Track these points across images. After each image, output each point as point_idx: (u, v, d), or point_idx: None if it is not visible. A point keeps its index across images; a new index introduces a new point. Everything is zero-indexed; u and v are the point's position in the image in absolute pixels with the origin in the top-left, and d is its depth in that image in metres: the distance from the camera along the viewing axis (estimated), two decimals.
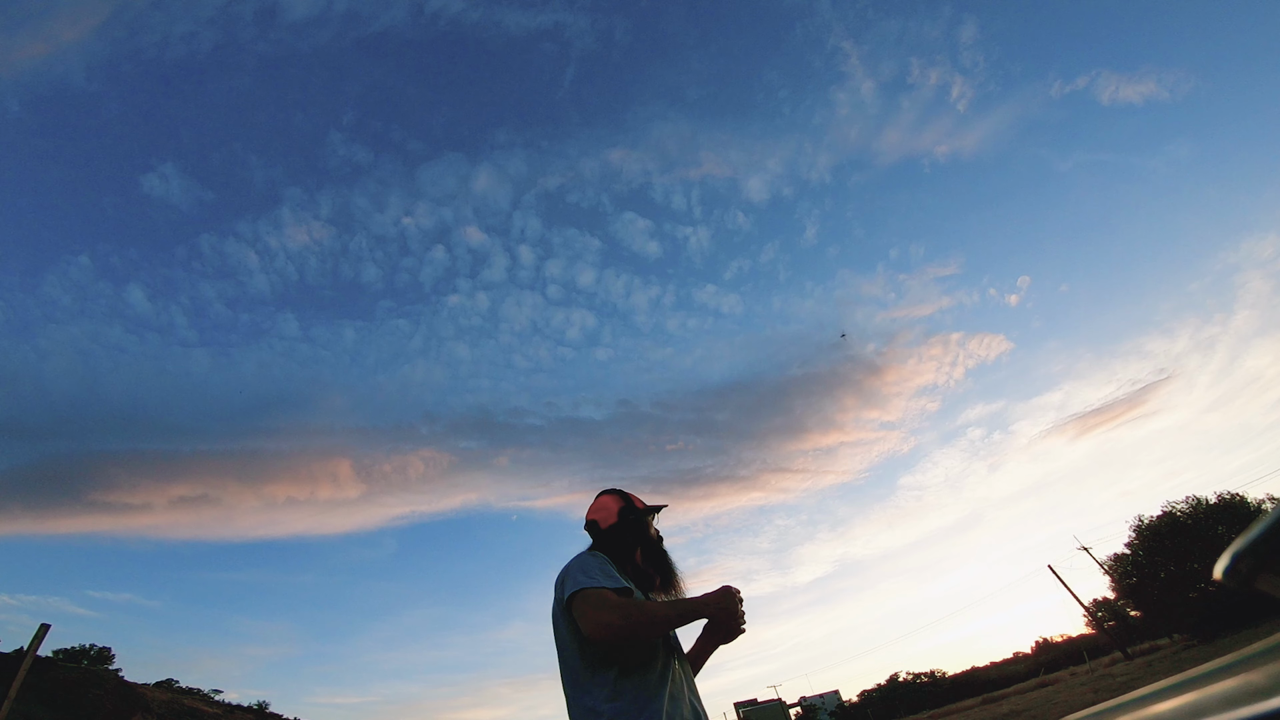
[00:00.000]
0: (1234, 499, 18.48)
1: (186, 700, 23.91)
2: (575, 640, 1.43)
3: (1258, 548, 0.32)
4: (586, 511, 1.83)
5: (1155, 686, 0.35)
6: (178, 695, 24.50)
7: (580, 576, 1.45)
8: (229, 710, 26.52)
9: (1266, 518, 0.33)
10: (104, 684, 19.47)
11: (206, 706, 24.75)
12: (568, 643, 1.45)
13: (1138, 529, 20.16)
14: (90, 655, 26.61)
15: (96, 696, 18.38)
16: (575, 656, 1.42)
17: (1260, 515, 0.34)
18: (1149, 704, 0.23)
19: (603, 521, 1.76)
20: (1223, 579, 0.37)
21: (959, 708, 30.48)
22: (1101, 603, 32.05)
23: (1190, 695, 0.21)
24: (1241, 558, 0.34)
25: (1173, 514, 19.24)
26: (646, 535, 1.78)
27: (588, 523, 1.81)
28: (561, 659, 1.47)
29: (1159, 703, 0.22)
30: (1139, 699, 0.25)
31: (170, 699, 22.55)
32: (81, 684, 18.67)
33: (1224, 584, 0.37)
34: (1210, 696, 0.20)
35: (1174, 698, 0.22)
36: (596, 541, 1.75)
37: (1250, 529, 0.34)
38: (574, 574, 1.48)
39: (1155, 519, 19.68)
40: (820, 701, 67.55)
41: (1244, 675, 0.21)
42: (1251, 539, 0.33)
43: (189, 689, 28.09)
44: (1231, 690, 0.20)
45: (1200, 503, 18.94)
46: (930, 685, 44.22)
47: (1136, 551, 20.00)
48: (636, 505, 1.81)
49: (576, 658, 1.41)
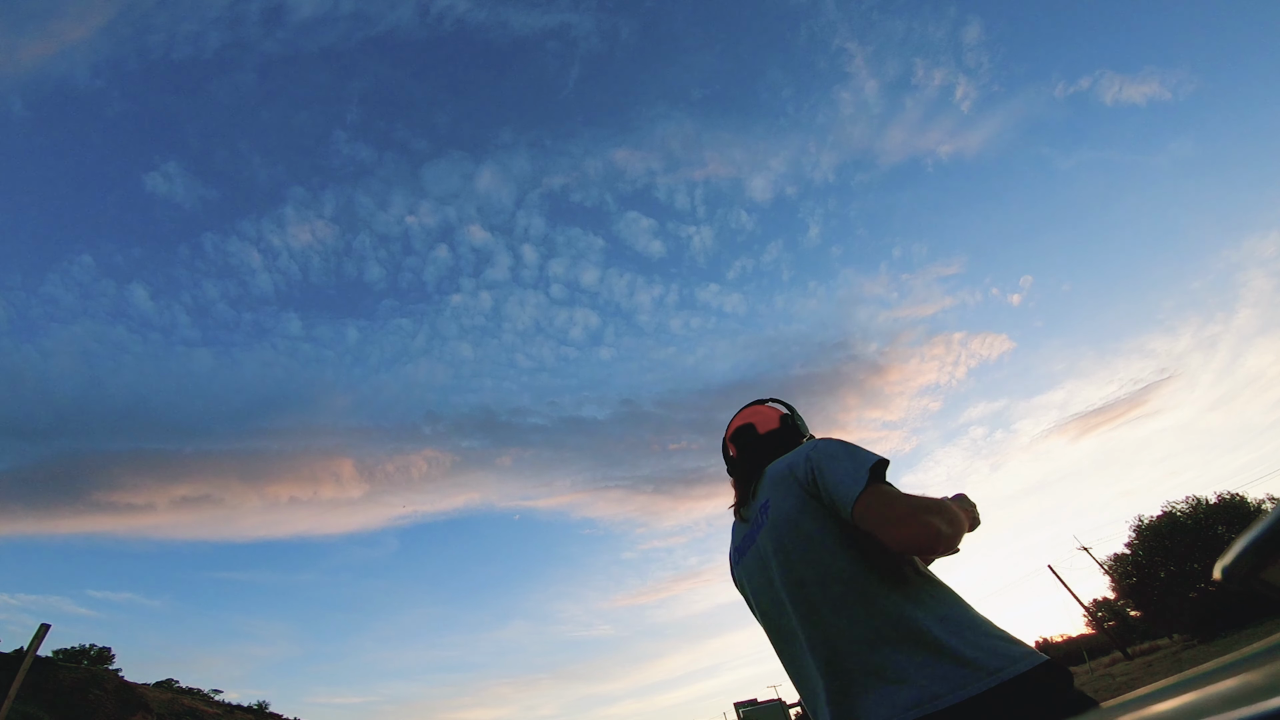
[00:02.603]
0: (1234, 499, 18.47)
1: (186, 700, 23.90)
2: (856, 547, 1.07)
3: (1258, 548, 0.32)
4: (732, 422, 1.56)
5: (1155, 686, 0.35)
6: (178, 695, 24.48)
7: (859, 461, 1.09)
8: (229, 710, 26.49)
9: (1266, 518, 0.33)
10: (104, 684, 19.46)
11: (206, 706, 24.73)
12: (840, 552, 1.07)
13: (1138, 529, 20.16)
14: (90, 655, 26.58)
15: (96, 696, 18.37)
16: (857, 566, 1.04)
17: (1260, 515, 0.34)
18: (1149, 704, 0.23)
19: (761, 426, 1.49)
20: (1223, 579, 0.37)
21: None
22: (1101, 603, 32.05)
23: (1190, 695, 0.21)
24: (1241, 558, 0.34)
25: (1173, 514, 19.23)
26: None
27: (740, 429, 1.51)
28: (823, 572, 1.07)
29: (1159, 703, 0.22)
30: (1139, 699, 0.25)
31: (170, 699, 22.53)
32: (81, 684, 18.66)
33: (1224, 584, 0.37)
34: (1210, 696, 0.20)
35: (1174, 698, 0.21)
36: (753, 450, 1.45)
37: (1250, 529, 0.34)
38: (842, 459, 1.11)
39: (1155, 519, 19.68)
40: None
41: (1244, 675, 0.21)
42: (1251, 539, 0.33)
43: (189, 689, 28.06)
44: (1231, 690, 0.20)
45: (1200, 503, 18.93)
46: None
47: (1136, 551, 19.99)
48: (799, 416, 1.55)
49: (859, 567, 1.04)
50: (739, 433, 1.52)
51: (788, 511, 1.16)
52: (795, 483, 1.17)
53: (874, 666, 0.96)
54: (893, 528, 0.98)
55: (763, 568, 1.22)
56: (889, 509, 1.00)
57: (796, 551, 1.12)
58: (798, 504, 1.15)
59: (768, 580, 1.20)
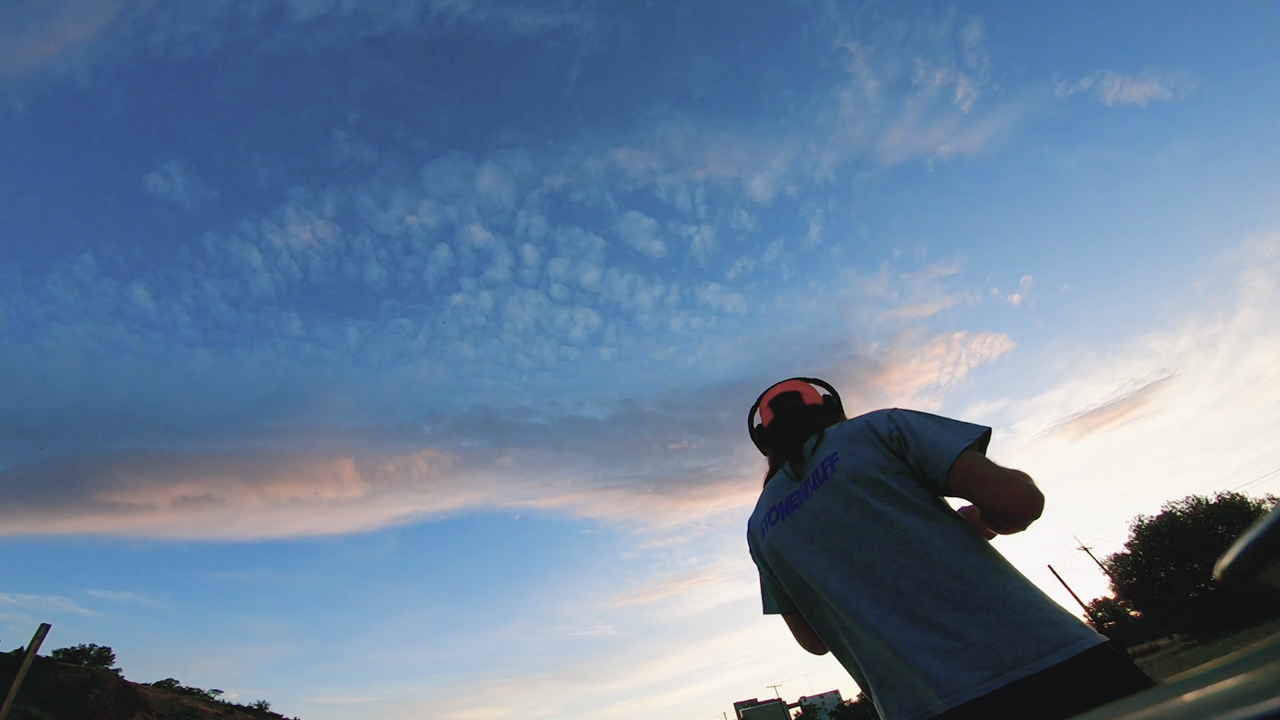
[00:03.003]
0: (1234, 499, 18.48)
1: (186, 700, 23.91)
2: (938, 509, 1.04)
3: (1258, 548, 0.32)
4: (770, 389, 1.52)
5: (1155, 686, 0.34)
6: (178, 695, 24.48)
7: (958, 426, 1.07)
8: (229, 710, 26.50)
9: (1266, 518, 0.33)
10: (104, 684, 19.46)
11: (206, 706, 24.73)
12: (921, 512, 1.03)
13: (1138, 529, 20.16)
14: (90, 655, 26.60)
15: (96, 696, 18.37)
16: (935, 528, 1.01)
17: (1260, 515, 0.34)
18: (1149, 704, 0.23)
19: (808, 397, 1.45)
20: (1223, 578, 0.37)
21: None
22: (1101, 603, 32.06)
23: (1190, 695, 0.21)
24: (1241, 558, 0.34)
25: (1173, 514, 19.23)
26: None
27: (783, 395, 1.46)
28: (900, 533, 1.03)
29: (1159, 702, 0.22)
30: (1139, 699, 0.25)
31: (170, 699, 22.54)
32: (81, 684, 18.66)
33: (1224, 583, 0.37)
34: (1210, 696, 0.20)
35: (1174, 698, 0.22)
36: (797, 416, 1.40)
37: (1250, 529, 0.34)
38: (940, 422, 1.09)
39: (1155, 519, 19.68)
40: (820, 701, 67.50)
41: (1244, 675, 0.21)
42: (1251, 539, 0.33)
43: (189, 689, 28.07)
44: (1231, 690, 0.20)
45: (1200, 503, 18.94)
46: None
47: (1136, 551, 19.99)
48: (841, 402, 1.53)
49: (939, 529, 1.01)
50: (781, 398, 1.46)
51: (863, 464, 1.11)
52: (875, 437, 1.13)
53: (953, 628, 0.92)
54: (997, 486, 0.97)
55: (817, 525, 1.14)
56: (991, 470, 1.00)
57: (868, 508, 1.07)
58: (876, 457, 1.10)
59: (821, 538, 1.13)
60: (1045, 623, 0.88)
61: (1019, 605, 0.91)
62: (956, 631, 0.92)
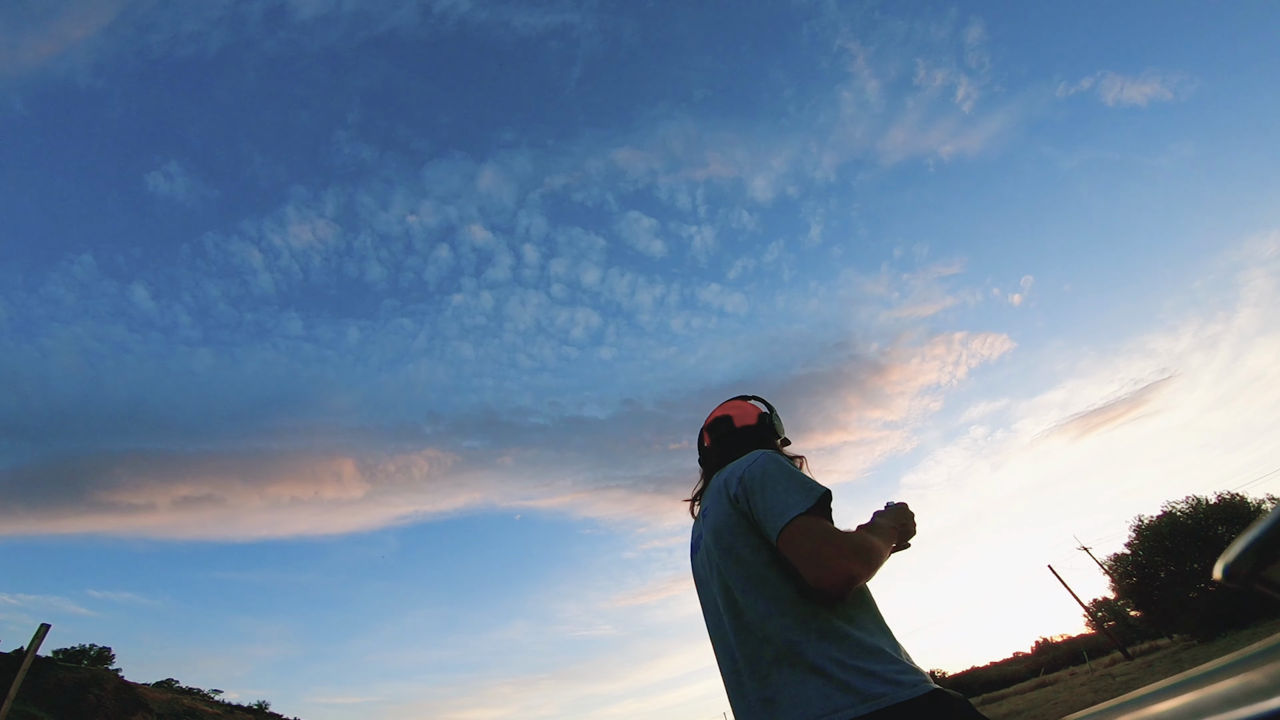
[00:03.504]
0: (1234, 499, 18.47)
1: (186, 700, 23.91)
2: (777, 567, 1.07)
3: (1258, 548, 0.32)
4: (711, 414, 1.55)
5: (1155, 686, 0.34)
6: (178, 695, 24.49)
7: (792, 491, 1.07)
8: (229, 710, 26.51)
9: (1266, 518, 0.33)
10: (104, 684, 19.46)
11: (206, 706, 24.74)
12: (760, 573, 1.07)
13: (1138, 529, 20.16)
14: (90, 655, 26.59)
15: (96, 696, 18.37)
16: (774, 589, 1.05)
17: (1260, 515, 0.34)
18: (1149, 704, 0.22)
19: (738, 420, 1.47)
20: (1223, 579, 0.37)
21: None
22: (1101, 603, 32.07)
23: (1190, 695, 0.21)
24: (1242, 558, 0.34)
25: (1173, 514, 19.23)
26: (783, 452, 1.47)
27: (716, 420, 1.50)
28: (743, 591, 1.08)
29: (1159, 703, 0.22)
30: (1139, 699, 0.25)
31: (170, 699, 22.54)
32: (81, 684, 18.67)
33: (1224, 584, 0.37)
34: (1210, 696, 0.20)
35: (1174, 698, 0.21)
36: (727, 443, 1.44)
37: (1250, 529, 0.34)
38: (774, 484, 1.10)
39: (1155, 519, 19.68)
40: None
41: (1244, 675, 0.21)
42: (1251, 539, 0.33)
43: (189, 689, 28.07)
44: (1231, 690, 0.20)
45: (1200, 503, 18.93)
46: None
47: (1136, 551, 19.99)
48: (778, 417, 1.54)
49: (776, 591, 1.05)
50: (715, 423, 1.51)
51: (718, 523, 1.18)
52: (727, 496, 1.19)
53: (770, 692, 1.00)
54: (808, 561, 0.99)
55: (706, 569, 1.23)
56: (810, 543, 1.01)
57: (726, 565, 1.14)
58: (728, 518, 1.16)
59: (709, 583, 1.22)
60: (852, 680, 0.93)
61: (827, 664, 0.96)
62: (765, 697, 1.00)
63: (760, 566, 1.08)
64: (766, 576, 1.07)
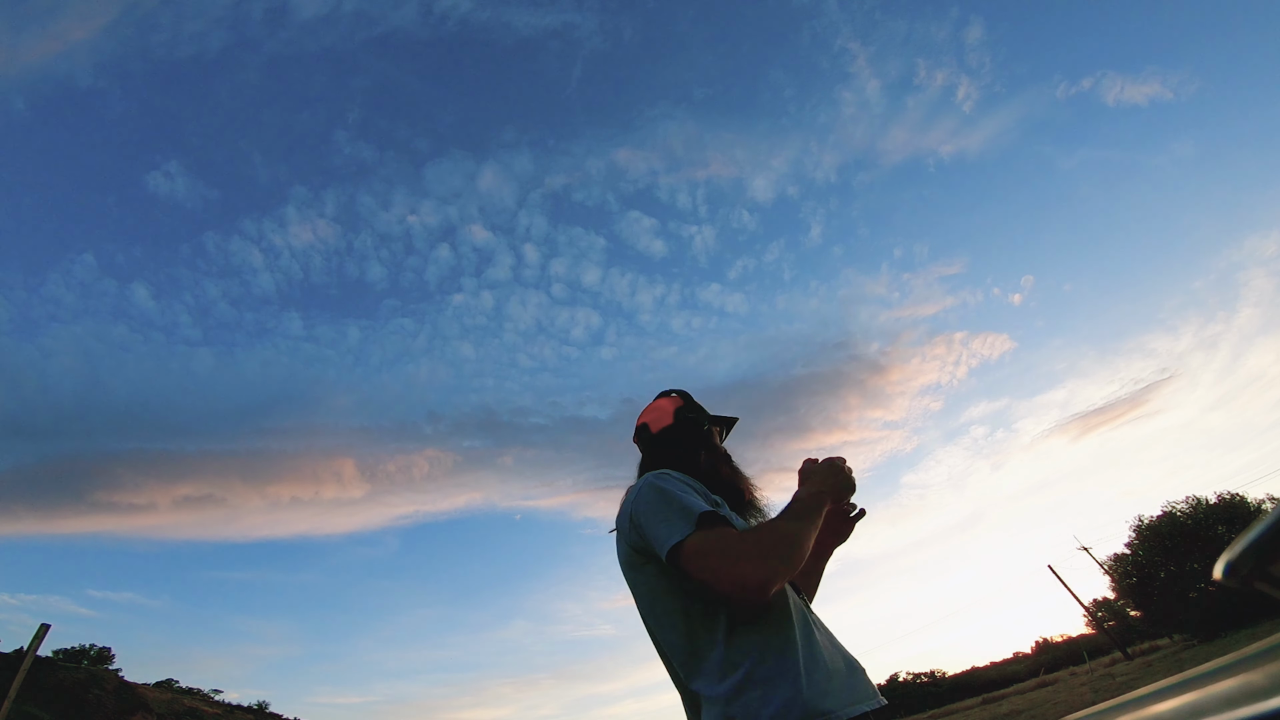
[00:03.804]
0: (1234, 499, 18.47)
1: (186, 700, 23.92)
2: (681, 598, 1.04)
3: (1258, 548, 0.32)
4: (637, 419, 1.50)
5: (1155, 686, 0.34)
6: (178, 695, 24.50)
7: (671, 517, 1.03)
8: (229, 710, 26.52)
9: (1266, 518, 0.33)
10: (104, 684, 19.48)
11: (206, 706, 24.75)
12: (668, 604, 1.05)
13: (1138, 529, 20.16)
14: (90, 655, 26.60)
15: (96, 696, 18.38)
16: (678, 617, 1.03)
17: (1260, 515, 0.34)
18: (1149, 704, 0.23)
19: (655, 424, 1.41)
20: (1223, 579, 0.37)
21: (959, 708, 30.47)
22: (1101, 603, 32.07)
23: (1190, 695, 0.21)
24: (1242, 558, 0.34)
25: (1173, 514, 19.24)
26: (711, 442, 1.41)
27: (637, 429, 1.47)
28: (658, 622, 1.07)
29: (1159, 703, 0.22)
30: (1139, 699, 0.25)
31: (170, 699, 22.55)
32: (81, 684, 18.68)
33: (1224, 584, 0.37)
34: (1210, 696, 0.20)
35: (1174, 698, 0.22)
36: (647, 452, 1.40)
37: (1250, 529, 0.34)
38: (655, 513, 1.06)
39: (1155, 519, 19.68)
40: None
41: (1244, 675, 0.21)
42: (1251, 539, 0.33)
43: (189, 689, 28.07)
44: (1231, 690, 0.20)
45: (1200, 503, 18.93)
46: (930, 685, 44.20)
47: (1137, 551, 19.99)
48: (697, 404, 1.49)
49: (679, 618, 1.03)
50: (637, 433, 1.47)
51: (621, 547, 1.17)
52: (624, 523, 1.15)
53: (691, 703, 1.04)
54: (711, 583, 0.95)
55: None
56: (701, 567, 0.96)
57: (633, 592, 1.16)
58: (626, 544, 1.14)
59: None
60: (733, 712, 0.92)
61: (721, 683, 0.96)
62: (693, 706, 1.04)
63: (660, 595, 1.07)
64: (666, 607, 1.06)
